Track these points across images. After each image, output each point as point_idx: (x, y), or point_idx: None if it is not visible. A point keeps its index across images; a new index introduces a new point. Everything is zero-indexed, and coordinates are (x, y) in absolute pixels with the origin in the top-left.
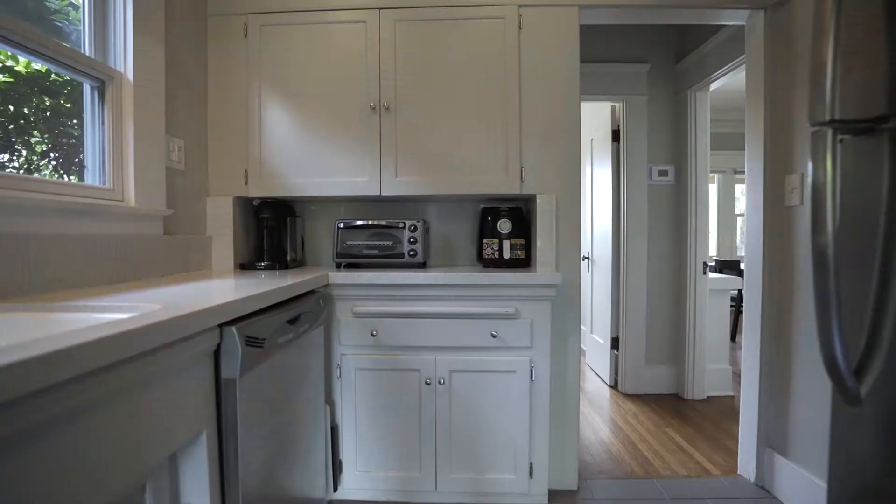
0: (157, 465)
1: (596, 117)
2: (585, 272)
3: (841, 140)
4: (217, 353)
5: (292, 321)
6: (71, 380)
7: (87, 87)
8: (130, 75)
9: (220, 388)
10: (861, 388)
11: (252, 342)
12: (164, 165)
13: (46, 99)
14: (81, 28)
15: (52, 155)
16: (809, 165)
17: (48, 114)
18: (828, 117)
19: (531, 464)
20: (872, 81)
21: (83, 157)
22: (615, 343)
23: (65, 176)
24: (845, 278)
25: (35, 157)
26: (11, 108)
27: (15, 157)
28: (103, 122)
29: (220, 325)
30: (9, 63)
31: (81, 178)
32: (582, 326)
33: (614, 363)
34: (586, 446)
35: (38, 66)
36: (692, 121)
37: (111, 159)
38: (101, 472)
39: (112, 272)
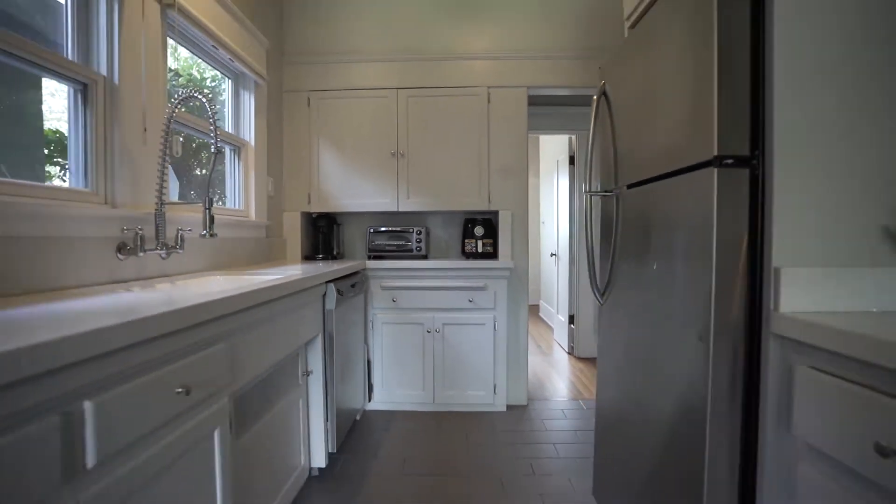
0: (300, 347)
1: (561, 145)
2: (553, 266)
3: (602, 197)
4: (323, 296)
5: (353, 286)
6: (279, 297)
7: (228, 151)
8: (252, 142)
9: (324, 315)
10: (602, 299)
11: (339, 291)
12: (266, 194)
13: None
14: (226, 114)
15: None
16: (594, 212)
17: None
18: (586, 189)
19: (495, 385)
20: (610, 168)
21: (224, 190)
22: (572, 319)
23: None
24: (603, 255)
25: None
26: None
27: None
28: (238, 171)
29: (325, 282)
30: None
31: (224, 204)
32: (550, 308)
33: (571, 335)
34: (540, 389)
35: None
36: None
37: (243, 192)
38: (287, 340)
39: (246, 259)
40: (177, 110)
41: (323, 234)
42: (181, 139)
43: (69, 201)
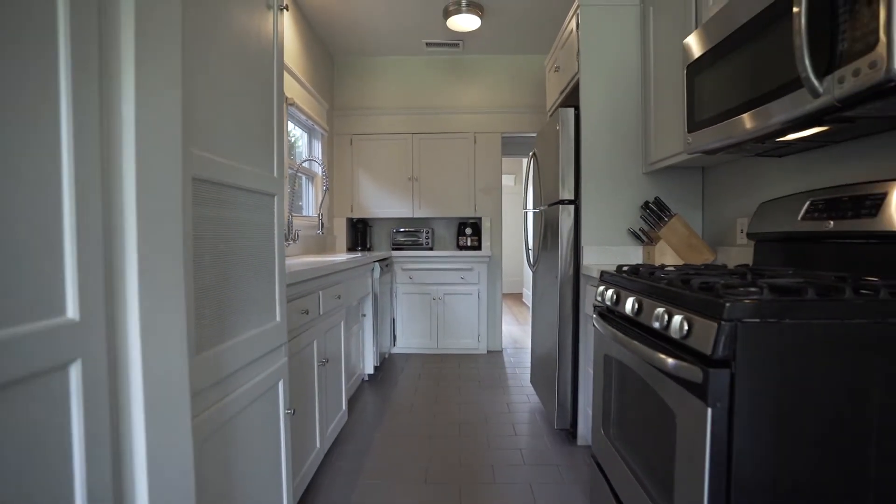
0: (361, 298)
1: None
2: None
3: (536, 212)
4: (371, 270)
5: (386, 266)
6: (356, 266)
7: (304, 179)
8: (320, 172)
9: (372, 281)
10: (534, 268)
11: (381, 268)
12: (326, 206)
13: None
14: (303, 154)
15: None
16: (530, 221)
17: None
18: (523, 208)
19: (479, 335)
20: (539, 195)
21: (302, 204)
22: None
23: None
24: (534, 243)
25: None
26: None
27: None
28: (311, 191)
29: (373, 261)
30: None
31: (302, 213)
32: (529, 293)
33: None
34: (513, 342)
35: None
36: None
37: (317, 205)
38: (358, 290)
39: (316, 249)
40: (298, 166)
41: (360, 233)
42: (294, 179)
43: None
